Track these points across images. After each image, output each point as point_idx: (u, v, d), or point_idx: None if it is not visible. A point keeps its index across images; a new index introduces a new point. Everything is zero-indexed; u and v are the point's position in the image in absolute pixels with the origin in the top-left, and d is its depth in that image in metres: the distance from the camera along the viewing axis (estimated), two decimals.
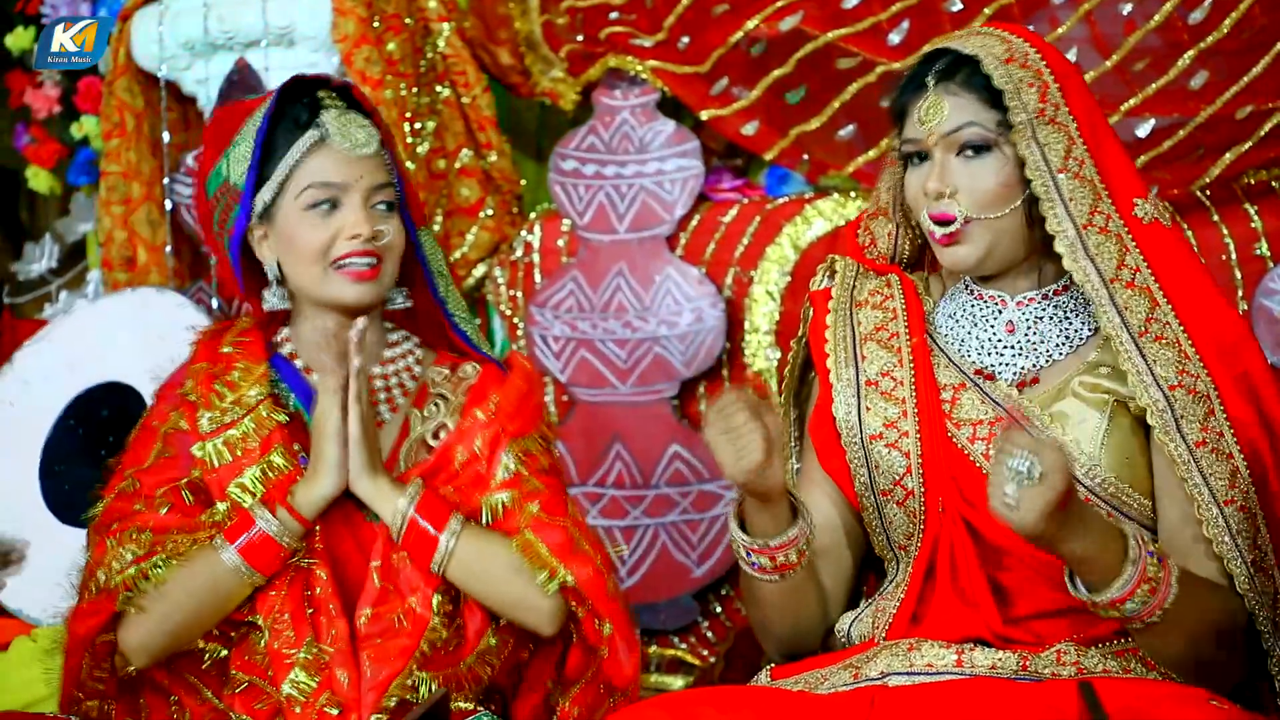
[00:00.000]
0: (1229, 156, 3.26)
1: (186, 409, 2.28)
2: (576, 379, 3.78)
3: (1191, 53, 3.32)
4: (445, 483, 2.26)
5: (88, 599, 2.21)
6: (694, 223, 3.75)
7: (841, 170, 3.63)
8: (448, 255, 3.85)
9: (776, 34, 3.64)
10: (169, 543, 2.20)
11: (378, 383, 2.33)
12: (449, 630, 2.23)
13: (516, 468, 2.27)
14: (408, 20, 3.75)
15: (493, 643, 2.26)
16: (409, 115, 3.73)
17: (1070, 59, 2.12)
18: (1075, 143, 2.04)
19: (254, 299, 2.36)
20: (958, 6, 3.49)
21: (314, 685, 2.16)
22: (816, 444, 2.18)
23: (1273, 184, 3.30)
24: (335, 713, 2.15)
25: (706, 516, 3.67)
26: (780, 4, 3.63)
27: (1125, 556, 1.87)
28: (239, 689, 2.21)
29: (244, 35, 3.72)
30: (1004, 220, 2.05)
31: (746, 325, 3.67)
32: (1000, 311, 2.12)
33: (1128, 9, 3.38)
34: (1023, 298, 2.11)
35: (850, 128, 3.61)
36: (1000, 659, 1.99)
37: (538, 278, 3.85)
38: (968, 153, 2.06)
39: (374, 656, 2.17)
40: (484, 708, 2.26)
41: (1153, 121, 3.33)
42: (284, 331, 2.37)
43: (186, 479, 2.25)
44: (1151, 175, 3.24)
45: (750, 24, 3.66)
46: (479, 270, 3.89)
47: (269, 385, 2.29)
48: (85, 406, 2.82)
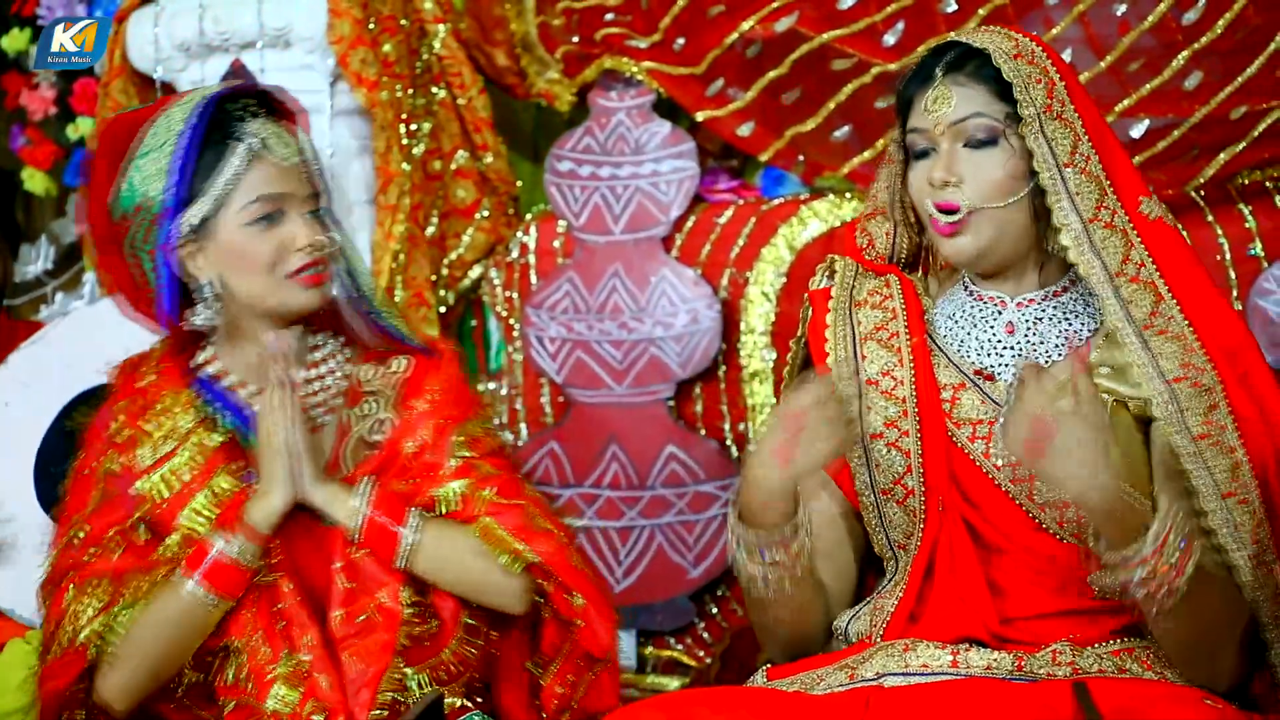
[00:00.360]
0: (1223, 157, 3.26)
1: (119, 449, 2.26)
2: (572, 380, 3.78)
3: (1186, 53, 3.32)
4: (396, 477, 2.25)
5: (55, 656, 2.19)
6: (689, 224, 3.75)
7: (837, 171, 3.63)
8: (443, 255, 3.86)
9: (772, 35, 3.64)
10: (129, 586, 2.18)
11: (309, 387, 2.30)
12: (423, 620, 2.22)
13: (466, 454, 2.27)
14: (403, 21, 3.75)
15: (471, 623, 2.25)
16: (405, 116, 3.73)
17: (1065, 60, 2.13)
18: (1081, 139, 2.05)
19: (176, 318, 2.28)
20: (952, 7, 3.50)
21: (298, 696, 2.15)
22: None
23: (1267, 184, 3.30)
24: (321, 719, 2.14)
25: (703, 518, 3.67)
26: (775, 5, 3.63)
27: (1150, 524, 1.85)
28: (227, 711, 2.20)
29: (239, 37, 3.72)
30: (1008, 211, 2.06)
31: (742, 326, 3.67)
32: (1000, 312, 2.12)
33: (1122, 10, 3.38)
34: (1023, 299, 2.12)
35: (846, 129, 3.62)
36: (995, 659, 1.99)
37: (533, 279, 3.85)
38: (974, 143, 2.07)
39: (356, 655, 2.17)
40: (476, 709, 2.27)
41: (1147, 122, 3.33)
42: (205, 353, 2.31)
43: (133, 519, 2.23)
44: (1146, 176, 3.22)
45: (745, 25, 3.66)
46: (475, 272, 3.89)
47: (199, 410, 2.26)
48: (81, 409, 2.81)
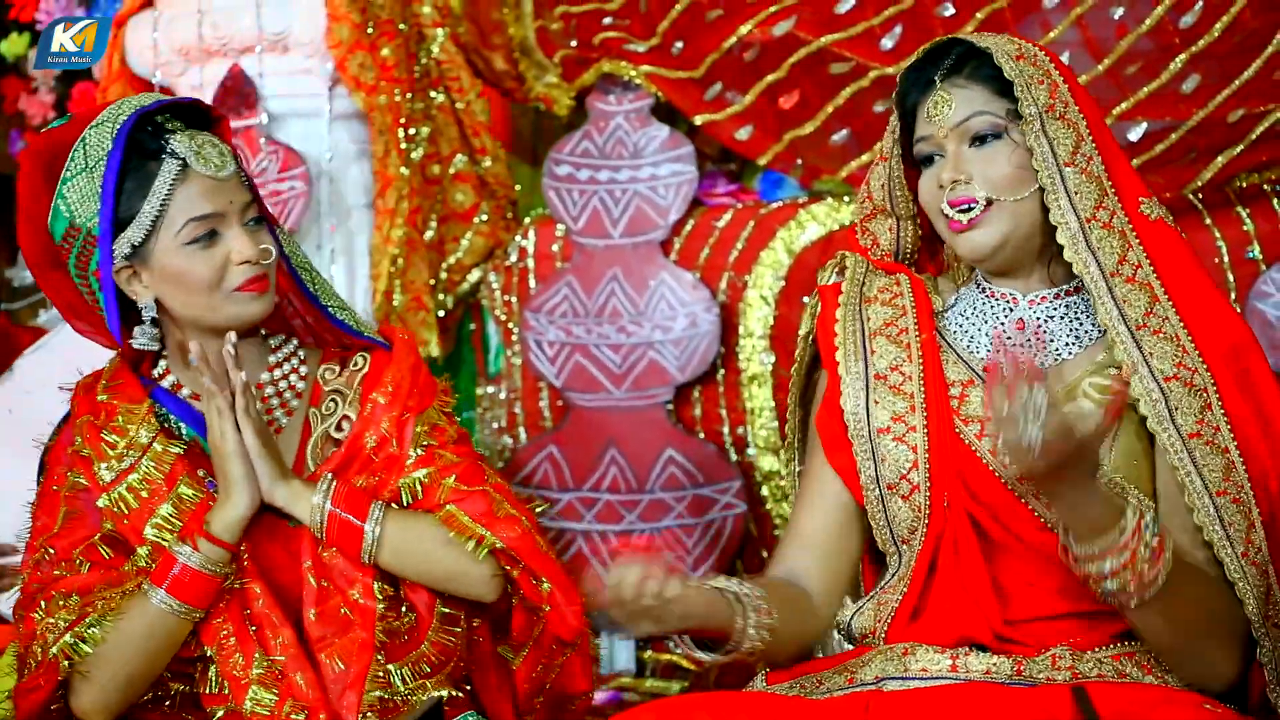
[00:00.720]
0: (1221, 160, 3.27)
1: (81, 465, 2.25)
2: (571, 384, 3.78)
3: (1183, 56, 3.32)
4: (360, 472, 2.25)
5: (30, 673, 2.18)
6: (688, 228, 3.75)
7: (835, 175, 3.63)
8: (441, 259, 3.86)
9: (770, 39, 3.65)
10: (98, 601, 2.17)
11: (268, 389, 2.30)
12: (398, 614, 2.22)
13: (428, 443, 2.26)
14: (402, 26, 3.76)
15: (446, 611, 2.25)
16: (403, 120, 3.73)
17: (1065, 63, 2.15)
18: (1084, 139, 2.06)
19: (120, 338, 2.26)
20: (950, 11, 3.50)
21: (274, 697, 2.15)
22: (823, 438, 2.18)
23: (1264, 187, 3.30)
24: (301, 718, 2.14)
25: (701, 521, 3.67)
26: (774, 9, 3.64)
27: (1122, 517, 1.88)
28: (216, 718, 2.19)
29: (238, 41, 3.72)
30: (1022, 205, 2.06)
31: (741, 330, 3.67)
32: (1011, 309, 2.12)
33: (1119, 13, 3.39)
34: (1034, 296, 2.12)
35: (844, 132, 3.62)
36: (995, 664, 1.99)
37: (532, 283, 3.86)
38: (979, 142, 2.07)
39: (335, 654, 2.16)
40: (470, 708, 2.27)
41: (1145, 125, 3.33)
42: (162, 365, 2.31)
43: (99, 534, 2.22)
44: (1144, 179, 3.24)
45: (744, 29, 3.67)
46: (473, 275, 3.89)
47: (157, 421, 2.25)
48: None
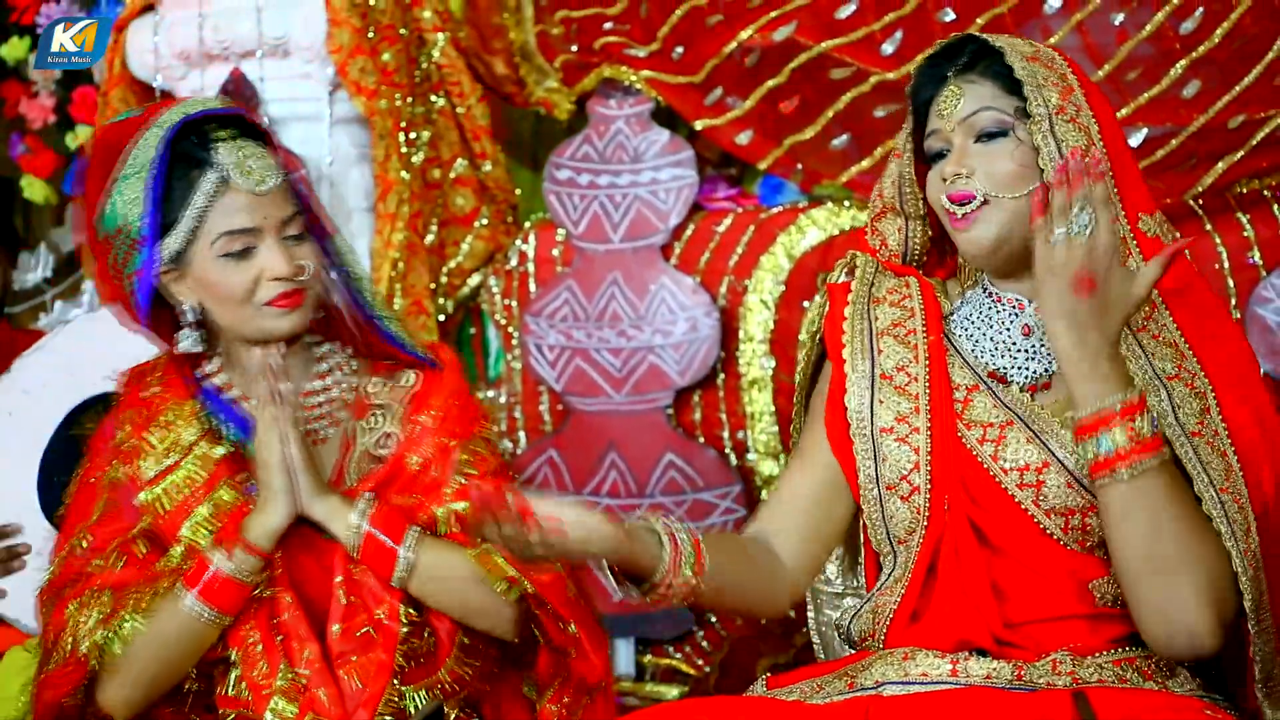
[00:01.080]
0: (1221, 166, 3.27)
1: (123, 458, 2.24)
2: (571, 388, 3.78)
3: (1184, 62, 3.32)
4: (400, 492, 2.23)
5: (55, 665, 2.18)
6: (688, 232, 3.76)
7: (835, 179, 3.64)
8: (442, 263, 3.86)
9: (770, 44, 3.65)
10: (131, 599, 2.16)
11: (313, 399, 2.28)
12: (420, 639, 2.21)
13: (469, 473, 2.24)
14: (402, 30, 3.76)
15: (466, 642, 2.23)
16: (404, 125, 3.74)
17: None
18: (1095, 145, 2.05)
19: (165, 336, 2.27)
20: (950, 16, 3.50)
21: (295, 710, 2.14)
22: (830, 434, 2.18)
23: (1265, 193, 3.31)
24: None
25: (701, 525, 3.66)
26: (774, 14, 3.64)
27: (1132, 384, 1.91)
28: None
29: (239, 45, 3.72)
30: (1020, 203, 2.06)
31: (741, 334, 3.67)
32: (1017, 314, 2.12)
33: (1120, 19, 3.39)
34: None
35: (844, 137, 3.62)
36: (995, 668, 1.99)
37: (533, 287, 3.86)
38: (984, 137, 2.07)
39: (353, 673, 2.15)
40: None
41: (1145, 131, 3.33)
42: (212, 364, 2.28)
43: (136, 529, 2.21)
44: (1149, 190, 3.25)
45: (744, 34, 3.67)
46: (474, 280, 3.90)
47: (203, 421, 2.24)
48: (85, 417, 2.81)
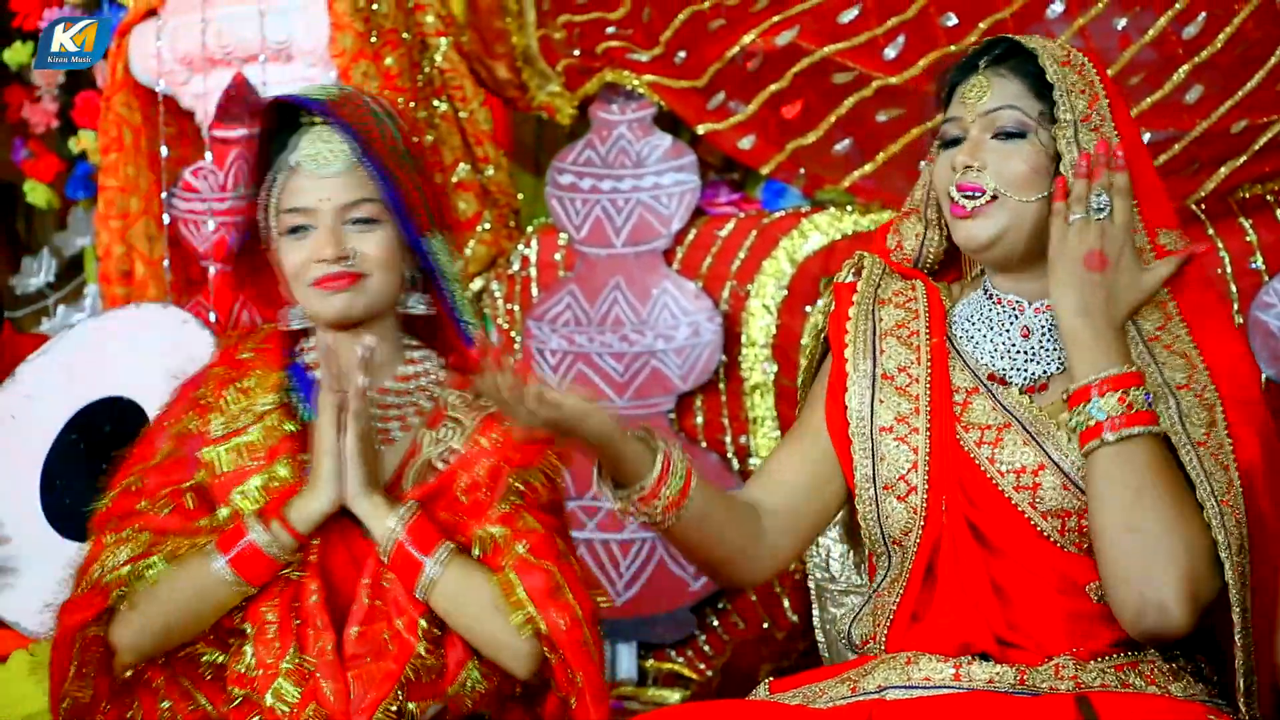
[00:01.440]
0: (1224, 171, 3.27)
1: (199, 411, 2.28)
2: (573, 392, 3.78)
3: (1186, 67, 3.33)
4: (446, 508, 2.23)
5: (81, 591, 2.21)
6: (690, 237, 3.75)
7: (838, 184, 3.64)
8: None
9: (773, 49, 3.65)
10: (167, 545, 2.20)
11: (390, 398, 2.29)
12: (433, 658, 2.20)
13: (515, 501, 2.24)
14: (405, 35, 3.76)
15: (475, 675, 2.22)
16: None
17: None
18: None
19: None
20: (953, 21, 3.51)
21: (298, 696, 2.15)
22: (830, 428, 2.18)
23: (1267, 198, 3.30)
24: None
25: None
26: (777, 19, 3.64)
27: (1126, 360, 1.98)
28: (234, 704, 2.20)
29: (242, 50, 3.72)
30: (1027, 206, 2.06)
31: (743, 339, 3.67)
32: (1017, 316, 2.12)
33: (1122, 23, 3.39)
34: (1040, 304, 2.11)
35: (846, 142, 3.63)
36: (998, 673, 1.99)
37: (535, 291, 3.86)
38: (1003, 135, 2.07)
39: (360, 678, 2.16)
40: None
41: (1148, 136, 3.33)
42: (309, 340, 2.34)
43: (191, 482, 2.25)
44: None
45: (747, 39, 3.67)
46: (476, 284, 3.90)
47: (282, 394, 2.28)
48: (87, 421, 2.81)
